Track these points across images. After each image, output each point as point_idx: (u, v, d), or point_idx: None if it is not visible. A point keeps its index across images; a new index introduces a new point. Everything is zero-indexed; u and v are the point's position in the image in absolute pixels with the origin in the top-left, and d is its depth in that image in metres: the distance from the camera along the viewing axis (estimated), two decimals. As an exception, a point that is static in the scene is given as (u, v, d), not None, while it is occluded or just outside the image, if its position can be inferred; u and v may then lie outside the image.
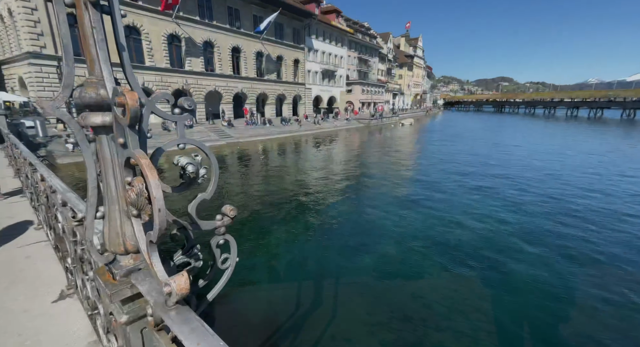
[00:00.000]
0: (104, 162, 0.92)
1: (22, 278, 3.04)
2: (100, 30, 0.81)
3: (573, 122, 52.45)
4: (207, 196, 1.31)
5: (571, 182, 12.38)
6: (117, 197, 0.94)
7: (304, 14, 34.48)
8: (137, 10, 19.95)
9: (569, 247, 6.89)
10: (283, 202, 9.82)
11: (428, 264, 6.26)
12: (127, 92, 0.73)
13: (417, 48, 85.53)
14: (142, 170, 0.78)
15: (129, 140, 0.82)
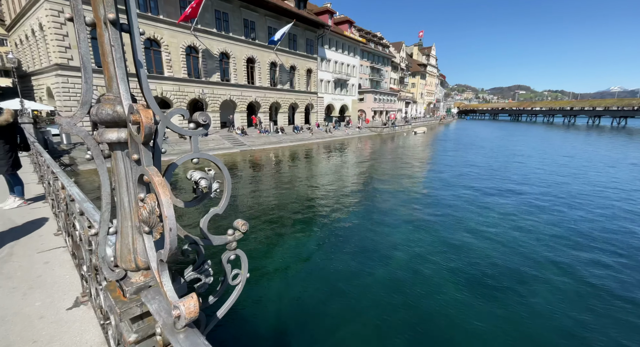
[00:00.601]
0: (118, 177, 0.92)
1: (40, 284, 3.10)
2: (118, 49, 0.82)
3: (595, 132, 50.51)
4: (220, 211, 1.30)
5: (596, 198, 11.81)
6: (130, 213, 0.94)
7: (317, 25, 35.14)
8: (158, 23, 20.86)
9: (591, 271, 6.51)
10: (293, 212, 9.80)
11: (442, 282, 6.04)
12: (142, 110, 0.72)
13: (430, 57, 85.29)
14: (154, 188, 0.77)
15: (142, 157, 0.82)
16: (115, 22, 0.80)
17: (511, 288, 5.73)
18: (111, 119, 0.85)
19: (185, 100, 23.45)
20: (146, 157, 0.82)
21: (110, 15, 0.77)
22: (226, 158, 20.03)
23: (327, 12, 39.17)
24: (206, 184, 1.20)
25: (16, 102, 17.16)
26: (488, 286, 5.80)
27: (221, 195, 1.31)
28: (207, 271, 1.23)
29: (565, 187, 13.00)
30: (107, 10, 0.78)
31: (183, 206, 1.18)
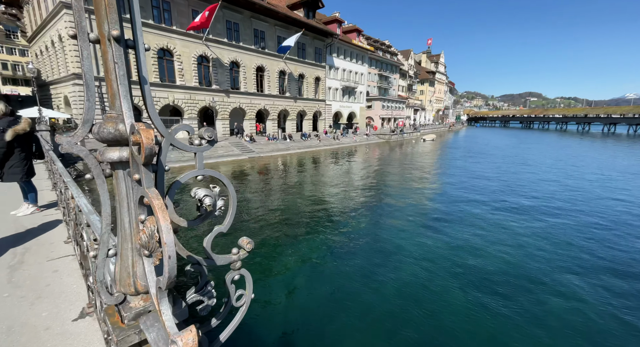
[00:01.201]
0: (119, 197, 0.89)
1: (47, 293, 3.10)
2: (122, 66, 0.79)
3: (612, 140, 49.12)
4: (224, 229, 1.25)
5: (619, 213, 11.36)
6: (130, 234, 0.90)
7: (325, 34, 35.60)
8: (171, 34, 21.48)
9: (612, 298, 6.20)
10: (300, 218, 9.73)
11: (452, 293, 5.83)
12: (143, 130, 0.69)
13: (438, 64, 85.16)
14: (154, 211, 0.72)
15: (143, 178, 0.78)
16: (120, 39, 0.78)
17: (524, 304, 5.49)
18: (113, 137, 0.82)
19: (196, 108, 23.89)
20: (147, 179, 0.78)
21: (114, 32, 0.75)
22: (234, 165, 20.20)
23: (336, 21, 39.69)
24: (210, 202, 1.15)
25: (35, 110, 17.80)
26: (500, 298, 5.57)
27: (226, 213, 1.27)
28: (210, 292, 1.18)
29: (585, 200, 12.57)
30: (111, 26, 0.76)
31: (186, 225, 1.14)
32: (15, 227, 4.66)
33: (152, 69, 20.77)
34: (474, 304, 5.45)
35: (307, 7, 33.07)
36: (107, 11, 0.76)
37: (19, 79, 47.51)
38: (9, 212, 5.14)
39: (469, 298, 5.63)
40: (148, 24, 20.11)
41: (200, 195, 1.16)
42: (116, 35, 0.76)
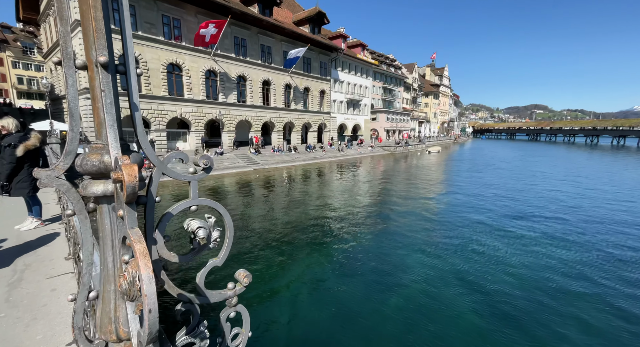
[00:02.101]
0: (103, 234, 0.81)
1: (44, 314, 3.01)
2: (109, 94, 0.73)
3: (622, 152, 48.28)
4: (219, 262, 1.15)
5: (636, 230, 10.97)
6: (114, 275, 0.81)
7: (330, 49, 36.33)
8: (181, 50, 22.13)
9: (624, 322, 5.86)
10: (304, 232, 9.56)
11: (462, 315, 5.56)
12: (125, 166, 0.62)
13: (443, 77, 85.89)
14: (135, 257, 0.64)
15: (125, 217, 0.70)
16: (107, 65, 0.72)
17: (532, 324, 5.19)
18: (97, 170, 0.75)
19: (203, 120, 24.26)
20: (130, 218, 0.70)
21: (102, 58, 0.69)
22: (239, 177, 20.24)
23: (341, 36, 40.57)
24: (204, 235, 1.06)
25: (46, 123, 18.23)
26: (509, 318, 5.28)
27: (221, 245, 1.18)
28: (203, 333, 1.08)
29: (600, 218, 12.19)
30: (99, 52, 0.71)
31: (177, 261, 1.05)
32: (17, 242, 4.62)
33: (161, 84, 21.28)
34: (485, 329, 5.17)
35: (312, 23, 33.94)
36: (94, 36, 0.70)
37: (34, 93, 49.21)
38: (13, 227, 5.13)
39: (479, 321, 5.36)
40: (158, 40, 20.78)
41: (193, 227, 1.07)
42: (103, 61, 0.71)
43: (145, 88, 20.56)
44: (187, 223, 1.06)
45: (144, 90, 20.53)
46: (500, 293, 6.22)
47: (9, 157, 4.75)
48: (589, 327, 5.24)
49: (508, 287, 6.43)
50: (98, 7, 0.69)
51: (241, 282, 1.16)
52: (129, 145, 0.83)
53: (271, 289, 6.34)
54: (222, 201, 13.79)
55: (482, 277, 6.86)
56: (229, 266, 7.02)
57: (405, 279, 6.78)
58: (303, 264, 7.47)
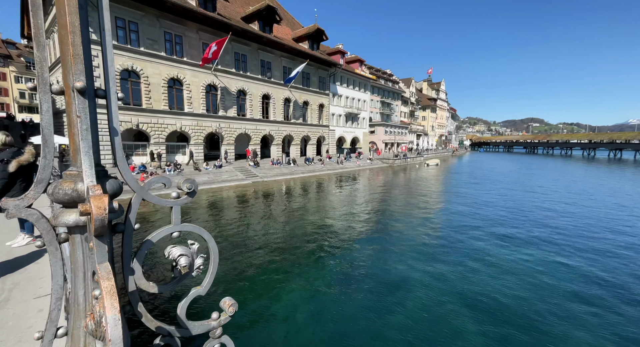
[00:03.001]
0: (74, 265, 0.76)
1: (28, 337, 2.89)
2: (85, 120, 0.70)
3: (620, 166, 48.54)
4: (202, 291, 1.09)
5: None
6: (85, 310, 0.76)
7: (329, 64, 37.12)
8: (182, 65, 22.56)
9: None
10: (301, 246, 9.40)
11: (462, 331, 5.38)
12: (94, 198, 0.58)
13: (439, 91, 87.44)
14: (102, 296, 0.59)
15: (95, 251, 0.66)
16: (84, 91, 0.70)
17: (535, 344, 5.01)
18: (69, 199, 0.71)
19: (203, 133, 24.40)
20: (99, 252, 0.66)
21: (78, 84, 0.67)
22: (238, 189, 20.14)
23: (339, 52, 41.55)
24: (187, 263, 1.01)
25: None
26: (511, 338, 5.10)
27: (205, 272, 1.12)
28: (183, 369, 1.01)
29: (603, 232, 12.10)
30: (76, 78, 0.68)
31: (157, 291, 0.99)
32: (7, 259, 4.51)
33: (161, 98, 21.54)
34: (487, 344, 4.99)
35: (311, 39, 34.82)
36: (72, 62, 0.68)
37: (34, 107, 49.73)
38: (4, 243, 5.02)
39: (481, 341, 5.18)
40: (160, 55, 21.20)
41: (174, 255, 1.02)
42: (80, 87, 0.68)
43: (145, 102, 20.79)
44: (169, 251, 1.01)
45: (145, 105, 20.75)
46: (502, 311, 6.04)
47: (1, 173, 4.70)
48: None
49: (510, 305, 6.26)
50: (76, 33, 0.67)
51: (226, 312, 1.10)
52: (106, 171, 0.80)
53: (265, 307, 6.15)
54: (219, 214, 13.65)
55: (483, 294, 6.69)
56: (222, 283, 6.85)
57: (405, 296, 6.60)
58: (300, 280, 7.29)
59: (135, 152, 21.44)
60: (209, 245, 1.02)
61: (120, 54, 19.15)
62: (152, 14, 20.50)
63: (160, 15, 20.87)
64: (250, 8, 29.49)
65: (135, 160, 20.98)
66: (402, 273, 7.74)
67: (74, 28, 0.66)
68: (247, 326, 5.52)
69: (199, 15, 22.38)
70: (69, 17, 0.66)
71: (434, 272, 7.81)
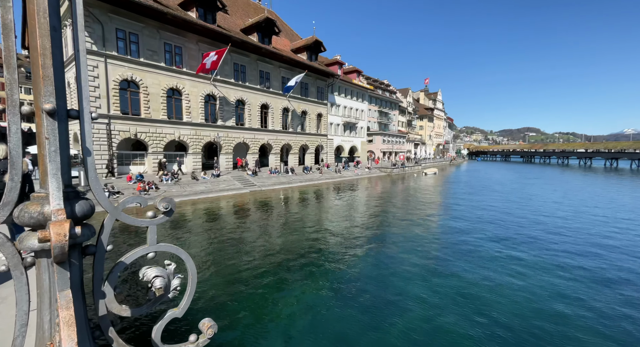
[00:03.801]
0: (40, 290, 0.73)
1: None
2: (54, 142, 0.69)
3: (617, 174, 48.83)
4: (179, 313, 1.06)
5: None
6: (50, 337, 0.73)
7: (327, 75, 37.64)
8: (181, 75, 22.82)
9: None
10: (298, 257, 9.28)
11: (462, 342, 5.27)
12: (54, 224, 0.56)
13: (436, 101, 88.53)
14: (59, 326, 0.57)
15: (55, 278, 0.64)
16: (53, 113, 0.69)
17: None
18: (36, 222, 0.69)
19: (201, 143, 24.46)
20: (60, 279, 0.63)
21: (47, 106, 0.66)
22: (235, 199, 20.03)
23: (337, 63, 42.22)
24: (162, 284, 0.98)
25: (43, 146, 18.16)
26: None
27: (183, 293, 1.09)
28: (157, 397, 0.96)
29: (606, 241, 12.06)
30: (45, 100, 0.68)
31: (129, 315, 0.96)
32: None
33: (160, 107, 21.67)
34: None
35: (310, 51, 35.41)
36: (42, 83, 0.68)
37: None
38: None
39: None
40: (160, 66, 21.44)
41: (149, 276, 0.99)
42: (48, 108, 0.68)
43: (144, 112, 20.89)
44: (143, 272, 0.98)
45: (143, 114, 20.85)
46: (503, 324, 5.93)
47: None
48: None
49: (511, 317, 6.15)
50: (47, 55, 0.66)
51: (205, 334, 1.06)
52: (77, 192, 0.78)
53: (259, 322, 6.01)
54: (215, 224, 13.53)
55: (483, 305, 6.59)
56: (214, 296, 6.72)
57: (403, 311, 6.49)
58: (297, 292, 7.16)
59: (133, 162, 21.40)
60: (187, 265, 1.00)
61: (120, 64, 19.36)
62: (153, 26, 20.85)
63: (160, 27, 21.22)
64: (250, 20, 30.09)
65: (133, 170, 20.92)
66: (401, 287, 7.63)
67: (45, 50, 0.66)
68: (239, 342, 5.38)
69: (199, 27, 22.78)
70: (40, 40, 0.65)
71: (433, 283, 7.70)
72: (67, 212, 0.71)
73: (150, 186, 18.13)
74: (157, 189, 18.38)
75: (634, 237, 12.15)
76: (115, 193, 16.41)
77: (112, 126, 19.30)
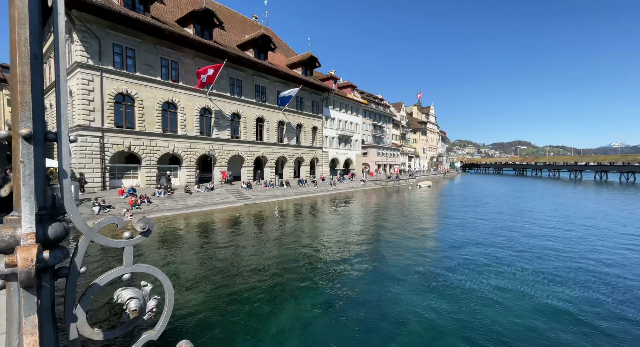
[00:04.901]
0: (9, 314, 0.73)
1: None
2: (29, 165, 0.71)
3: (606, 187, 49.71)
4: (155, 336, 1.04)
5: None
6: (15, 364, 0.72)
7: (322, 89, 38.36)
8: (177, 89, 23.04)
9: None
10: (292, 271, 9.13)
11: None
12: (20, 249, 0.57)
13: (429, 115, 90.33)
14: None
15: (21, 303, 0.63)
16: (29, 138, 0.71)
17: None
18: (7, 245, 0.69)
19: (195, 156, 24.41)
20: (27, 304, 0.63)
21: (23, 131, 0.68)
22: (229, 212, 19.82)
23: (332, 78, 43.13)
24: (137, 306, 0.97)
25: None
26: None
27: (159, 315, 1.08)
28: None
29: (602, 256, 12.13)
30: (22, 124, 0.69)
31: (101, 338, 0.95)
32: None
33: (155, 120, 21.72)
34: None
35: (305, 66, 36.20)
36: (19, 108, 0.70)
37: (28, 128, 49.48)
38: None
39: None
40: (156, 80, 21.66)
41: (124, 298, 0.98)
42: (24, 134, 0.69)
43: (139, 125, 20.90)
44: (118, 293, 0.97)
45: (138, 127, 20.85)
46: (498, 340, 5.85)
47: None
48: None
49: (508, 333, 6.07)
50: (26, 82, 0.69)
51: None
52: (51, 215, 0.79)
53: (251, 339, 5.83)
54: (207, 238, 13.31)
55: (478, 320, 6.51)
56: (204, 311, 6.53)
57: (398, 327, 6.37)
58: (291, 307, 7.00)
59: (126, 175, 21.19)
60: (164, 286, 0.99)
61: (115, 78, 19.51)
62: (150, 42, 21.20)
63: (157, 43, 21.58)
64: (246, 37, 30.83)
65: (126, 183, 20.67)
66: (395, 302, 7.52)
67: (24, 78, 0.68)
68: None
69: (196, 43, 23.23)
70: (20, 68, 0.68)
71: (427, 301, 7.61)
72: (39, 236, 0.71)
73: (142, 200, 17.88)
74: (149, 203, 18.13)
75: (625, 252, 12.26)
76: (106, 207, 16.13)
77: (106, 139, 19.21)
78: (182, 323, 6.05)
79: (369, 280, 8.81)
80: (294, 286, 8.27)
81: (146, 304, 0.96)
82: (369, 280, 8.81)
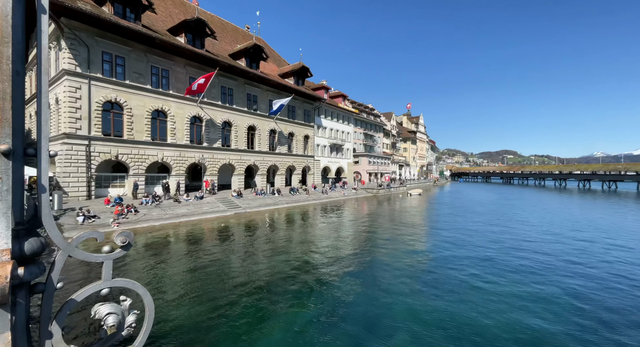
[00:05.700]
0: (-21, 333, 0.72)
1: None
2: (7, 181, 0.71)
3: (590, 195, 51.24)
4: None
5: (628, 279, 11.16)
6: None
7: (314, 99, 38.77)
8: (167, 97, 22.88)
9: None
10: (283, 282, 9.00)
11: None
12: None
13: (418, 124, 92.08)
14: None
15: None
16: (8, 154, 0.71)
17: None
18: (-21, 262, 0.69)
19: (185, 164, 24.10)
20: (1, 322, 0.63)
21: (2, 147, 0.68)
22: (219, 222, 19.52)
23: (323, 88, 43.71)
24: (115, 322, 0.96)
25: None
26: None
27: (139, 330, 1.06)
28: None
29: (592, 263, 12.41)
30: (1, 140, 0.70)
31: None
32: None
33: (144, 129, 21.44)
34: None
35: (297, 76, 36.63)
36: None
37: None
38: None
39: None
40: (145, 88, 21.49)
41: (102, 313, 0.97)
42: (3, 149, 0.70)
43: (127, 133, 20.59)
44: (96, 309, 0.96)
45: (126, 135, 20.53)
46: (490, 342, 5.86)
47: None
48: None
49: (500, 342, 6.10)
50: (7, 99, 0.70)
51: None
52: (28, 230, 0.78)
53: (247, 339, 5.69)
54: (194, 249, 13.04)
55: (470, 330, 6.52)
56: (191, 324, 6.35)
57: (389, 335, 6.32)
58: (278, 325, 6.87)
59: (112, 184, 20.71)
60: (144, 301, 0.99)
61: (104, 86, 19.27)
62: (140, 50, 21.13)
63: (147, 51, 21.53)
64: (238, 46, 31.09)
65: (112, 192, 20.18)
66: (385, 315, 7.48)
67: (5, 95, 0.69)
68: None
69: (188, 52, 23.28)
70: (1, 85, 0.69)
71: (417, 314, 7.60)
72: (15, 251, 0.71)
73: (129, 209, 17.46)
74: (136, 213, 17.71)
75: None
76: (91, 217, 15.67)
77: (92, 148, 18.82)
78: (164, 339, 5.85)
79: (359, 292, 8.75)
80: (282, 299, 8.14)
81: (125, 320, 0.95)
82: (359, 292, 8.75)
